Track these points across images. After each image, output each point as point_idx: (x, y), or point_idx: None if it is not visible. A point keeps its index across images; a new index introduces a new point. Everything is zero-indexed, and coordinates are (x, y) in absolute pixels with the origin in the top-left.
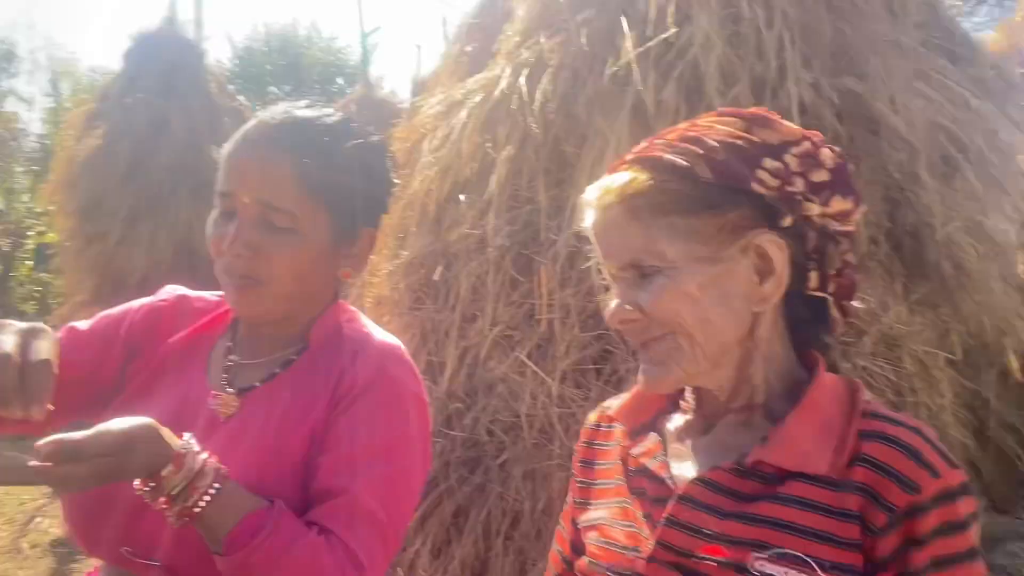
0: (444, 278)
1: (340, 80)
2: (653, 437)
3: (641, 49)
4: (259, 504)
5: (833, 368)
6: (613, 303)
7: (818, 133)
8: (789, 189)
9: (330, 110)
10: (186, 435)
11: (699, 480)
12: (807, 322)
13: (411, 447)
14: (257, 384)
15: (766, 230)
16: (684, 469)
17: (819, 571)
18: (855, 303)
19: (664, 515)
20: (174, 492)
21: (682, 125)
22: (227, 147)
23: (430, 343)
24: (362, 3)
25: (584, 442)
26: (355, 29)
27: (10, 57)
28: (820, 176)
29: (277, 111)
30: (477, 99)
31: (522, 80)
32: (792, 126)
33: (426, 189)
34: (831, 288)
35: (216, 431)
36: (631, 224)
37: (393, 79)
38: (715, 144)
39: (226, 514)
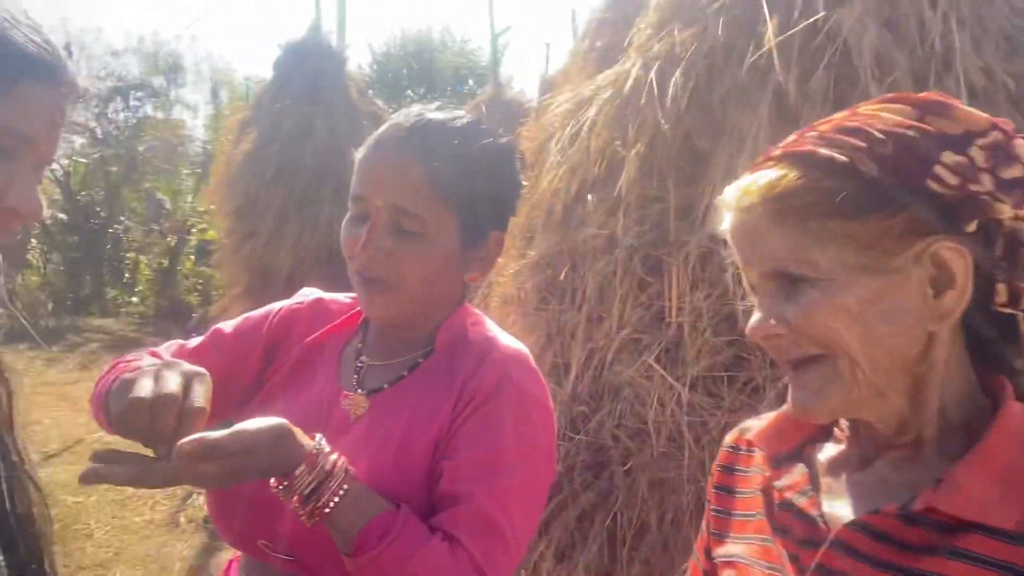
0: (570, 278)
1: (471, 81)
2: (800, 468)
3: (784, 36)
4: (386, 507)
5: None
6: (756, 316)
7: (1009, 122)
8: (973, 188)
9: (461, 112)
10: (318, 436)
11: (856, 524)
12: (992, 343)
13: (536, 456)
14: (386, 386)
15: (944, 236)
16: (838, 508)
17: None
18: None
19: (814, 561)
20: (306, 492)
21: (840, 114)
22: (361, 151)
23: (555, 344)
24: (493, 4)
25: (721, 466)
26: (486, 30)
27: (177, 69)
28: (1012, 172)
29: (409, 115)
30: (606, 95)
31: (653, 74)
32: (977, 113)
33: (553, 188)
34: (1023, 303)
35: (347, 432)
36: (776, 228)
37: (523, 79)
38: (881, 136)
39: (355, 515)
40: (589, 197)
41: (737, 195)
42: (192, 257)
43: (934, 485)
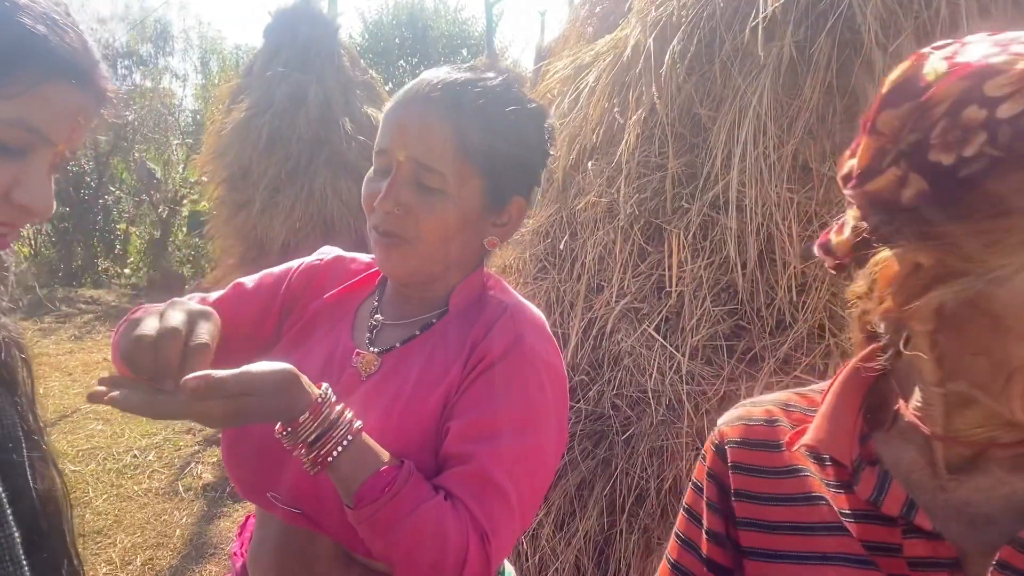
0: (570, 247)
1: (465, 51)
2: (880, 473)
3: (787, 0)
4: (390, 462)
5: None
6: None
7: None
8: None
9: (492, 73)
10: (324, 385)
11: (1019, 542)
12: None
13: (545, 421)
14: (397, 345)
15: None
16: (953, 521)
17: None
18: None
19: None
20: (310, 439)
21: None
22: (388, 105)
23: (555, 313)
24: None
25: (736, 466)
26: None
27: (165, 36)
28: None
29: (439, 72)
30: (605, 62)
31: (652, 40)
32: None
33: (552, 156)
34: None
35: (357, 389)
36: None
37: (517, 48)
38: None
39: (358, 467)
40: (589, 165)
41: None
42: (184, 228)
43: None
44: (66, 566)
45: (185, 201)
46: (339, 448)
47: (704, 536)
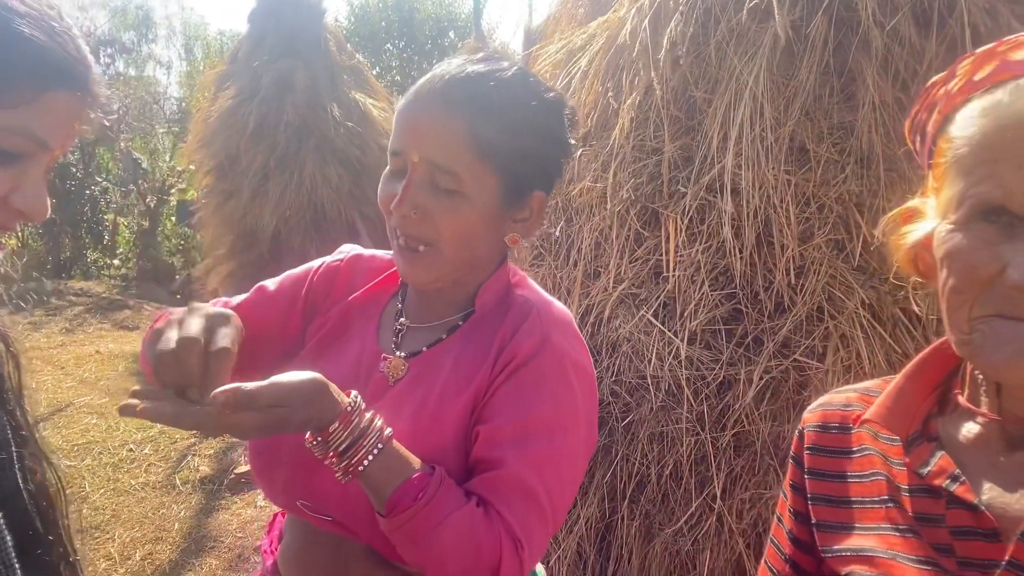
0: (566, 233)
1: (452, 34)
2: (937, 450)
3: None
4: (422, 469)
5: None
6: None
7: None
8: None
9: (506, 64)
10: (354, 393)
11: None
12: None
13: (575, 421)
14: (424, 349)
15: None
16: (998, 494)
17: None
18: None
19: (1006, 556)
20: (340, 448)
21: None
22: (401, 103)
23: None
24: None
25: (813, 448)
26: None
27: (148, 23)
28: None
29: (451, 65)
30: (598, 45)
31: (647, 22)
32: None
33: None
34: None
35: (385, 394)
36: None
37: (505, 30)
38: None
39: (389, 475)
40: (580, 151)
41: None
42: (172, 218)
43: None
44: (64, 563)
45: (173, 190)
46: (370, 457)
47: (788, 513)
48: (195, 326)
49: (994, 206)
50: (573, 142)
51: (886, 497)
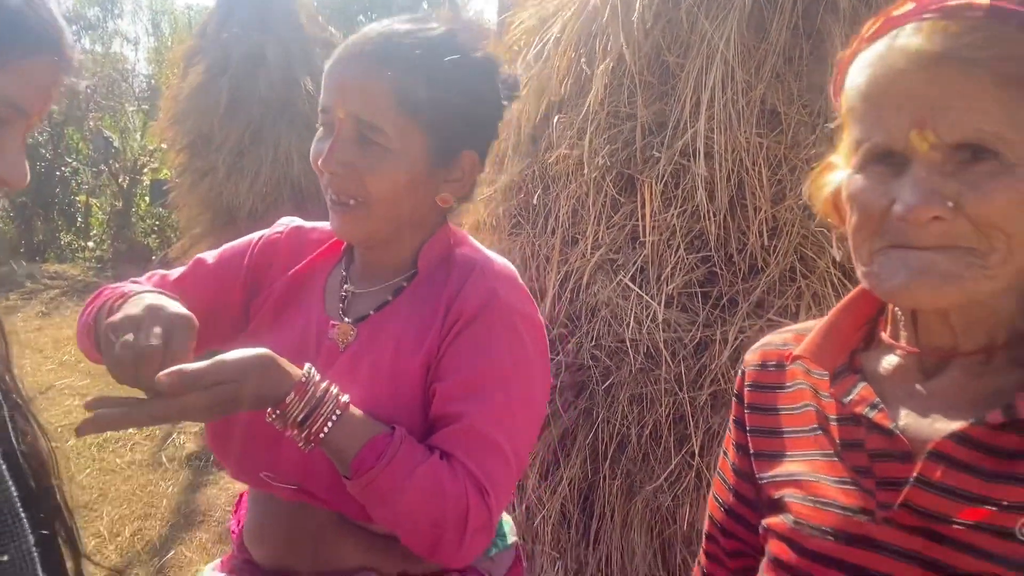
0: (543, 201)
1: (425, 3)
2: (859, 380)
3: None
4: (382, 429)
5: None
6: (915, 193)
7: None
8: None
9: (435, 24)
10: (307, 365)
11: (956, 436)
12: None
13: (529, 370)
14: (371, 312)
15: None
16: (913, 419)
17: None
18: None
19: (914, 474)
20: (299, 418)
21: None
22: (329, 62)
23: (531, 268)
24: None
25: (752, 384)
26: None
27: None
28: None
29: (379, 25)
30: (570, 11)
31: None
32: None
33: (520, 110)
34: None
35: (336, 361)
36: (996, 93)
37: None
38: None
39: (350, 439)
40: (555, 119)
41: (939, 41)
42: (146, 198)
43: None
44: (60, 523)
45: (146, 170)
46: (329, 423)
47: (732, 446)
48: (155, 336)
49: (883, 149)
50: (506, 103)
51: (815, 426)
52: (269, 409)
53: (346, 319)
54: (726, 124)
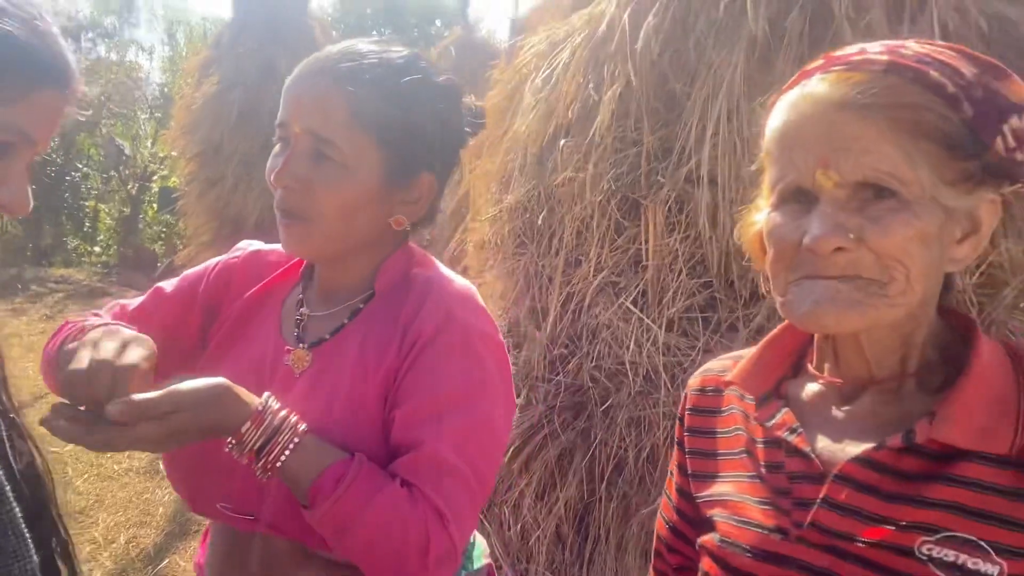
0: (548, 223)
1: (439, 22)
2: (782, 406)
3: None
4: (340, 456)
5: None
6: (822, 224)
7: None
8: (1019, 156)
9: (400, 48)
10: (265, 394)
11: (859, 459)
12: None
13: (489, 391)
14: (327, 337)
15: (991, 190)
16: (828, 443)
17: (994, 555)
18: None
19: (821, 495)
20: (256, 446)
21: (915, 44)
22: (289, 78)
23: (533, 288)
24: None
25: (692, 409)
26: None
27: (129, 7)
28: None
29: (342, 44)
30: (580, 37)
31: (627, 16)
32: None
33: (528, 132)
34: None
35: (292, 387)
36: (889, 137)
37: (492, 20)
38: (973, 81)
39: (308, 467)
40: (562, 142)
41: (842, 91)
42: (154, 204)
43: (928, 418)
44: (56, 540)
45: (155, 177)
46: (287, 452)
47: (676, 468)
48: (108, 348)
49: (795, 187)
50: (469, 130)
51: (742, 449)
52: (228, 439)
53: (301, 345)
54: (730, 152)
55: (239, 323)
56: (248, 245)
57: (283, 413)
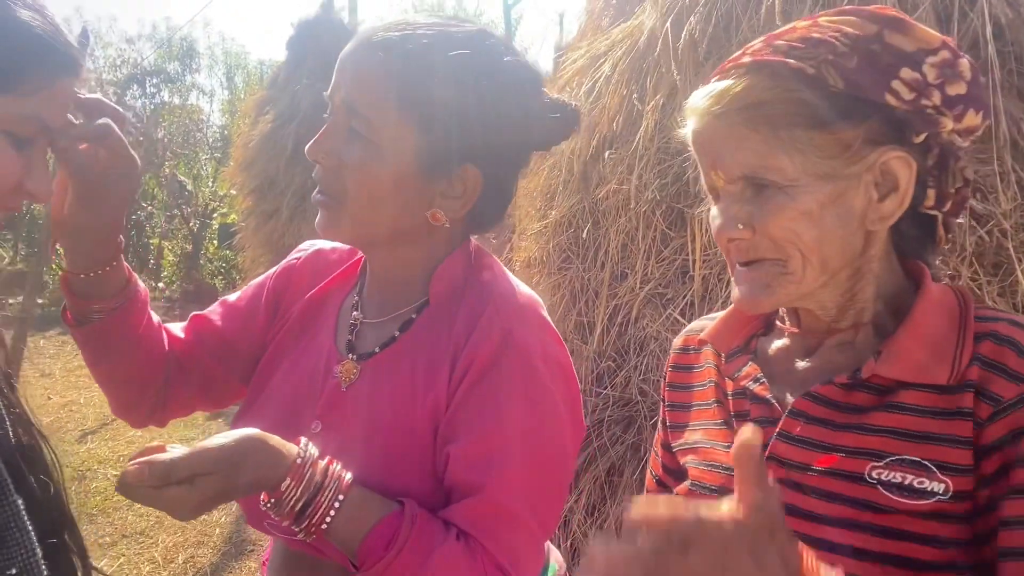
0: (593, 236)
1: None
2: (750, 360)
3: None
4: (388, 509)
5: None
6: (719, 219)
7: (952, 39)
8: (924, 103)
9: (470, 24)
10: (303, 440)
11: (810, 395)
12: (914, 239)
13: (556, 425)
14: (376, 350)
15: (895, 146)
16: (788, 390)
17: (938, 474)
18: (960, 219)
19: (776, 430)
20: (297, 507)
21: (802, 23)
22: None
23: (580, 302)
24: None
25: (673, 366)
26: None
27: (191, 54)
28: (957, 89)
29: (399, 16)
30: (621, 50)
31: (669, 25)
32: (929, 31)
33: (572, 146)
34: (946, 206)
35: (339, 402)
36: (750, 135)
37: (536, 50)
38: (846, 49)
39: (355, 526)
40: (606, 154)
41: (707, 102)
42: (214, 241)
43: (875, 356)
44: (69, 533)
45: (215, 214)
46: (331, 513)
47: (660, 423)
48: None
49: (710, 186)
50: (544, 128)
51: (713, 400)
52: (264, 495)
53: (351, 356)
54: None
55: (299, 324)
56: (311, 245)
57: (323, 463)
